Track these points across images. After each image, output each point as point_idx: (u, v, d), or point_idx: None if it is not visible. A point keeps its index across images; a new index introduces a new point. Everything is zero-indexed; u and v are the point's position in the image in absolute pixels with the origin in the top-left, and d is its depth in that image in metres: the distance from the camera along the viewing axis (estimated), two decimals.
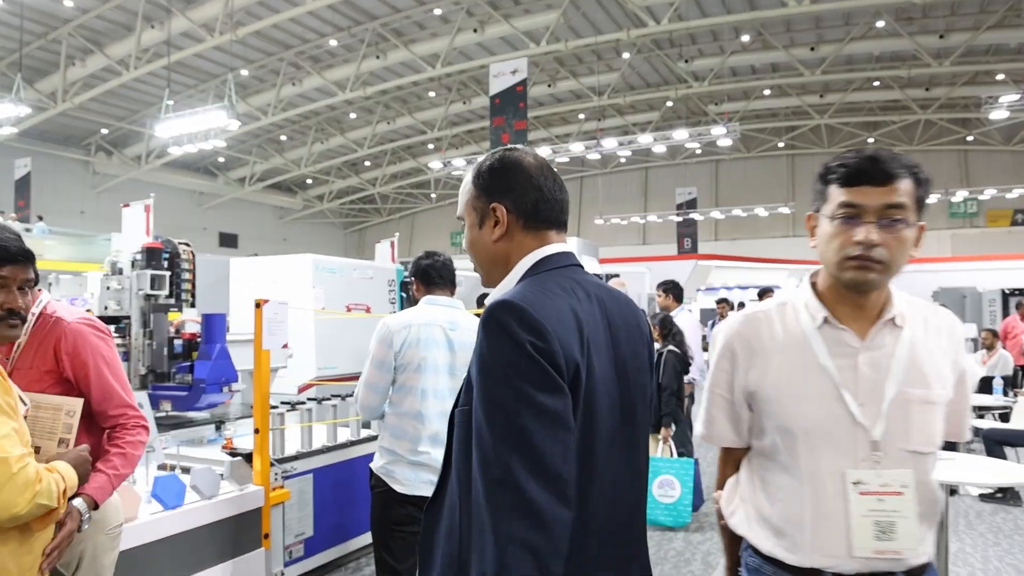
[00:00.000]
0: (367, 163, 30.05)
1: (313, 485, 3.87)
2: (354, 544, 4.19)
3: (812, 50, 19.14)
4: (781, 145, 27.97)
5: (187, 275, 3.54)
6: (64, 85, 18.48)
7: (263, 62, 19.89)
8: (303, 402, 3.97)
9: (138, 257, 3.38)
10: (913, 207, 1.33)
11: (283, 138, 26.29)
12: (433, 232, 32.04)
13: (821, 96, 23.41)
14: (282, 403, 3.83)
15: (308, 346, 5.27)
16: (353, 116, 24.86)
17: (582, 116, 25.17)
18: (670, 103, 23.43)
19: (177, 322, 3.58)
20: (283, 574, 3.62)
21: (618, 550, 1.25)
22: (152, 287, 3.34)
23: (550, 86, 21.92)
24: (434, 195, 32.63)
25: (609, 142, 20.06)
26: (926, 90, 22.27)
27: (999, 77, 20.30)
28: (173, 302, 3.48)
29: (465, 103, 23.14)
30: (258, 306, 3.32)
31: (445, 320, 2.82)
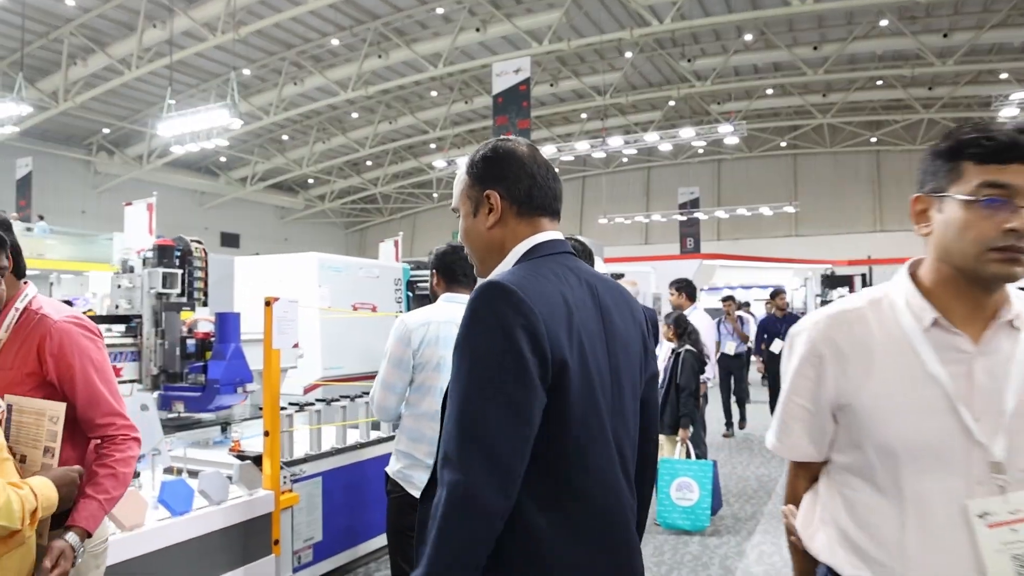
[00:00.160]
0: (369, 163, 29.99)
1: (322, 488, 3.79)
2: (364, 548, 4.11)
3: (815, 49, 19.09)
4: (783, 145, 27.91)
5: (199, 273, 3.45)
6: (66, 84, 18.43)
7: (265, 61, 19.83)
8: (312, 403, 3.89)
9: (149, 255, 3.30)
10: None
11: (285, 138, 26.23)
12: (435, 232, 31.94)
13: (824, 95, 23.35)
14: (290, 404, 3.75)
15: (314, 346, 5.17)
16: (355, 116, 24.79)
17: (584, 116, 25.11)
18: (672, 102, 23.37)
19: (190, 321, 3.49)
20: None
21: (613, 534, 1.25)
22: (164, 285, 3.26)
23: (552, 85, 21.85)
24: (436, 195, 32.58)
25: (615, 140, 19.98)
26: (929, 89, 22.21)
27: (1003, 76, 20.25)
28: (185, 301, 3.40)
29: (467, 103, 23.08)
30: (268, 304, 3.24)
31: None
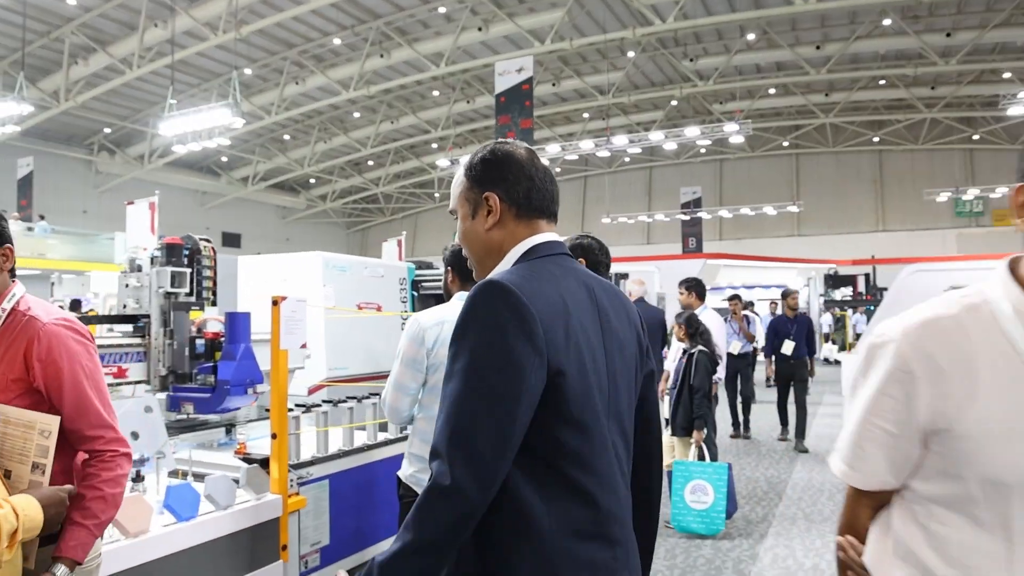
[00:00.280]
0: (370, 162, 29.95)
1: (329, 491, 3.73)
2: (371, 552, 4.04)
3: (818, 49, 19.05)
4: (786, 144, 27.87)
5: (208, 272, 3.39)
6: (67, 84, 18.40)
7: (266, 61, 19.78)
8: (318, 404, 3.83)
9: (157, 253, 3.24)
10: None
11: (286, 137, 26.19)
12: (436, 232, 31.92)
13: (826, 95, 23.31)
14: (297, 405, 3.69)
15: (319, 346, 5.12)
16: (356, 115, 24.74)
17: (587, 115, 25.06)
18: (675, 102, 23.33)
19: (199, 321, 3.43)
20: None
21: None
22: (172, 284, 3.20)
23: (555, 85, 21.80)
24: (437, 195, 32.53)
25: (620, 139, 19.86)
26: (932, 89, 22.16)
27: (1006, 75, 20.20)
28: (194, 300, 3.34)
29: (469, 102, 23.02)
30: (275, 304, 3.17)
31: None
